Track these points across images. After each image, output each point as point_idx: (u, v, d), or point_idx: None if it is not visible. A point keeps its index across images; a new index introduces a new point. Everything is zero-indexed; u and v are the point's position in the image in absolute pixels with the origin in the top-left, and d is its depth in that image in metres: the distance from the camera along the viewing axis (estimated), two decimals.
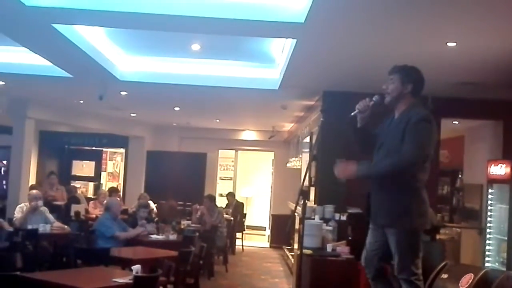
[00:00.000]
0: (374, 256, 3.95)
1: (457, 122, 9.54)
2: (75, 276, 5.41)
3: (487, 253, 8.02)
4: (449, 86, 7.45)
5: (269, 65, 7.94)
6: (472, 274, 4.62)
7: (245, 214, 13.87)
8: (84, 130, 14.69)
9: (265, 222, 16.10)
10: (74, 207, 10.46)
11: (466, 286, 4.57)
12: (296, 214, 5.71)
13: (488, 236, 8.06)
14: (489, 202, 8.11)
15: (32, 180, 12.42)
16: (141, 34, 6.76)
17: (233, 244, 12.50)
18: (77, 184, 14.61)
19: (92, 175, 15.73)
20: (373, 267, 3.96)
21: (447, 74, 6.87)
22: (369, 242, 4.03)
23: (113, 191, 11.80)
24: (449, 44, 5.50)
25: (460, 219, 9.98)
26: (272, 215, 15.01)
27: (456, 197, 11.19)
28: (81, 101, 11.04)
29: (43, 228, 7.78)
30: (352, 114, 3.96)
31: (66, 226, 8.35)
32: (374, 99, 3.89)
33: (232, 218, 12.23)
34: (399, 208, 3.76)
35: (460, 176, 10.89)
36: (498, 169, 7.80)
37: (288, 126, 13.63)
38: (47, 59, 7.49)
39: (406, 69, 3.89)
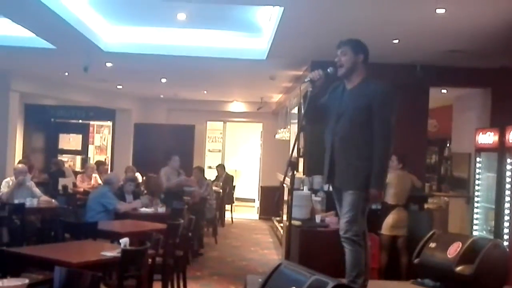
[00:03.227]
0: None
1: (445, 91, 9.51)
2: (63, 250, 5.35)
3: (474, 221, 8.07)
4: (438, 54, 7.39)
5: (256, 34, 7.82)
6: (460, 243, 4.63)
7: (234, 186, 13.88)
8: (70, 103, 14.52)
9: (254, 194, 16.12)
10: (62, 181, 10.40)
11: (454, 254, 4.59)
12: (284, 185, 5.68)
13: (476, 204, 8.10)
14: (477, 170, 8.13)
15: (18, 155, 12.29)
16: (125, 3, 6.61)
17: (222, 216, 12.52)
18: (64, 157, 14.52)
19: (79, 148, 15.61)
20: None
21: (435, 42, 6.81)
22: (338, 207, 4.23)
23: (100, 164, 11.70)
24: (438, 10, 5.42)
25: (448, 188, 10.03)
26: (261, 186, 15.01)
27: (444, 166, 11.24)
28: (66, 73, 10.87)
29: (30, 203, 7.69)
30: (305, 81, 4.12)
31: (53, 200, 8.28)
32: (328, 70, 3.99)
33: (221, 190, 12.22)
34: (358, 172, 3.92)
35: (448, 145, 10.92)
36: (486, 138, 7.79)
37: (276, 97, 13.55)
38: (29, 30, 7.33)
39: (354, 41, 4.03)
